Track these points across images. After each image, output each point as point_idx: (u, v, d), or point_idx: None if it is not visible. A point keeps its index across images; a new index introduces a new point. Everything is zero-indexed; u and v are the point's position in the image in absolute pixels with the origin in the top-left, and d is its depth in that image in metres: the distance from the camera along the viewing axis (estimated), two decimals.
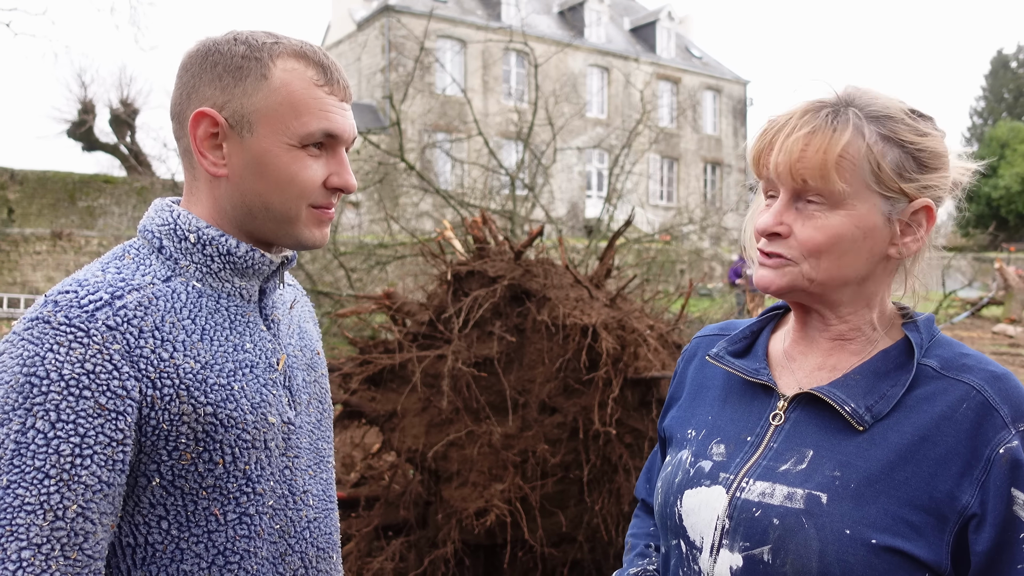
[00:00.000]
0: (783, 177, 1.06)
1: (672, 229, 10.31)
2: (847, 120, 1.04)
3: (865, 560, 0.96)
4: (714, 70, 36.10)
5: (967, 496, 0.97)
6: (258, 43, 1.09)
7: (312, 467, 1.20)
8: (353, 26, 29.92)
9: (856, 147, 1.03)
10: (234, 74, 1.07)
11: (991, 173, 38.79)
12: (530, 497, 2.92)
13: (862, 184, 1.04)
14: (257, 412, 1.08)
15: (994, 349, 12.53)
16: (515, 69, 29.88)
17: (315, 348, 1.29)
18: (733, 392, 1.20)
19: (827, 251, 1.05)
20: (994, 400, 1.00)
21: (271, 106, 1.07)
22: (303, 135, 1.08)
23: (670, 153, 33.29)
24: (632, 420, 2.99)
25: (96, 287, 1.00)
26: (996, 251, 27.98)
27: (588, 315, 2.99)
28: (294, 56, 1.09)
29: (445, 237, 3.81)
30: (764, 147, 1.09)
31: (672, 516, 1.14)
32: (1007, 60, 46.81)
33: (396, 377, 3.32)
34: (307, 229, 1.12)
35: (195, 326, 1.06)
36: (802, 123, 1.05)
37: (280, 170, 1.08)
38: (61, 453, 0.92)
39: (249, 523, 1.08)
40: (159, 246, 1.09)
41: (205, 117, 1.07)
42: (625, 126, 15.43)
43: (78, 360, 0.94)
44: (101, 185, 20.35)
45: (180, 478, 1.02)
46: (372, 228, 12.58)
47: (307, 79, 1.09)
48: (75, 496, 0.93)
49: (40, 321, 0.96)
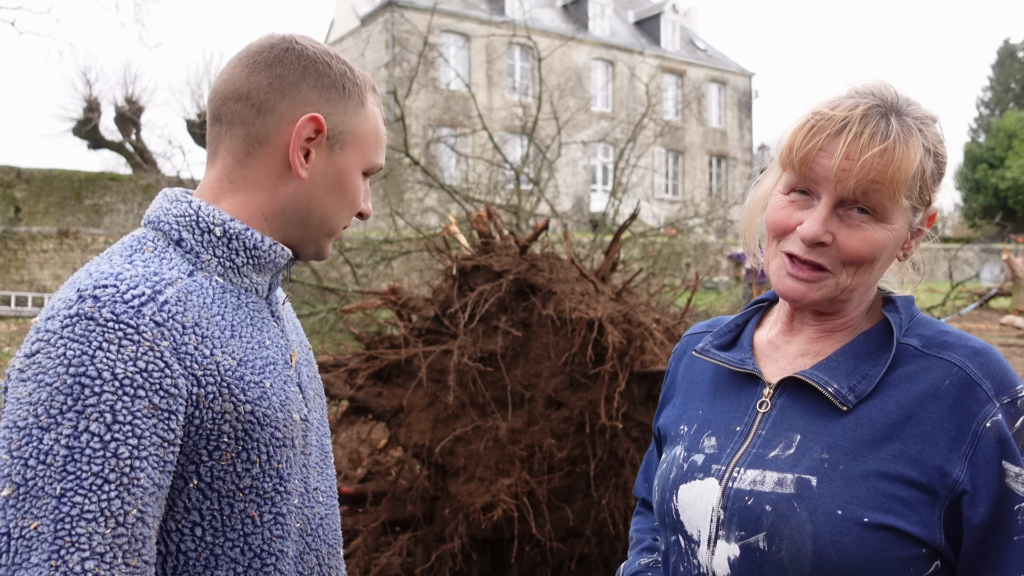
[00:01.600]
0: (844, 185, 1.01)
1: (678, 223, 10.28)
2: (912, 133, 1.02)
3: (859, 539, 0.97)
4: (719, 62, 35.97)
5: (956, 471, 0.98)
6: (355, 69, 1.16)
7: (320, 463, 1.20)
8: (357, 21, 29.89)
9: (918, 161, 1.02)
10: (341, 92, 1.12)
11: (998, 164, 38.61)
12: (537, 492, 2.92)
13: (910, 199, 1.04)
14: (285, 410, 1.08)
15: (1002, 340, 12.48)
16: (519, 63, 29.81)
17: (307, 343, 1.29)
18: (722, 385, 1.21)
19: (869, 262, 1.05)
20: (976, 375, 1.01)
21: (363, 132, 1.15)
22: (372, 164, 1.18)
23: (675, 146, 33.20)
24: (638, 414, 2.99)
25: (135, 281, 0.96)
26: (1004, 242, 27.87)
27: (594, 309, 2.98)
28: (374, 92, 1.19)
29: (450, 232, 3.81)
30: (816, 146, 1.02)
31: (669, 512, 1.15)
32: (1014, 50, 46.51)
33: (402, 372, 3.32)
34: (329, 244, 1.20)
35: (225, 322, 1.03)
36: (870, 130, 1.00)
37: (351, 190, 1.15)
38: (120, 456, 0.89)
39: (283, 523, 1.07)
40: (178, 239, 1.05)
41: (315, 122, 1.09)
42: (630, 120, 15.40)
43: (130, 358, 0.90)
44: (107, 183, 20.39)
45: (218, 479, 1.00)
46: (377, 224, 12.58)
47: (381, 117, 1.20)
48: (135, 500, 0.90)
49: (82, 318, 0.91)
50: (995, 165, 39.03)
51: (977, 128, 46.46)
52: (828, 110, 1.04)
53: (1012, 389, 1.01)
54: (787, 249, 1.07)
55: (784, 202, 1.08)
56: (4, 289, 16.21)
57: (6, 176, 18.89)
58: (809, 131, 1.04)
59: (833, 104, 1.05)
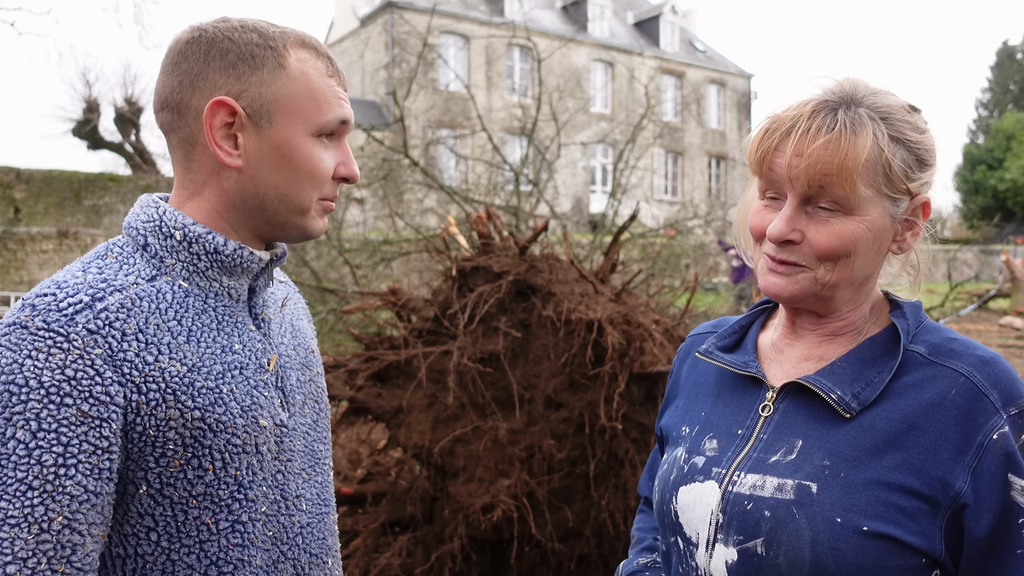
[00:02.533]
0: (798, 182, 1.03)
1: (677, 223, 10.29)
2: (863, 123, 1.02)
3: (857, 547, 0.96)
4: (718, 64, 35.98)
5: (959, 482, 0.97)
6: (268, 32, 1.07)
7: (307, 470, 1.17)
8: (356, 22, 29.88)
9: (874, 151, 1.02)
10: (249, 63, 1.04)
11: (997, 165, 38.63)
12: (536, 492, 2.92)
13: (875, 189, 1.03)
14: (247, 415, 1.05)
15: (1001, 342, 12.49)
16: (518, 64, 29.82)
17: (309, 346, 1.25)
18: (725, 387, 1.20)
19: (843, 256, 1.04)
20: (983, 386, 1.00)
21: (291, 95, 1.06)
22: (322, 124, 1.07)
23: (674, 147, 33.20)
24: (638, 415, 2.99)
25: (76, 289, 0.96)
26: (1002, 243, 27.86)
27: (593, 310, 2.99)
28: (303, 46, 1.08)
29: (450, 233, 3.81)
30: (770, 148, 1.05)
31: (669, 513, 1.15)
32: (1013, 51, 46.54)
33: (402, 373, 3.32)
34: (314, 220, 1.12)
35: (181, 327, 1.02)
36: (816, 125, 1.02)
37: (300, 160, 1.07)
38: (44, 463, 0.89)
39: (242, 531, 1.04)
40: (144, 244, 1.05)
41: (223, 106, 1.03)
42: (629, 121, 15.39)
43: (58, 366, 0.91)
44: (106, 183, 20.38)
45: (169, 486, 0.99)
46: (377, 225, 12.58)
47: (320, 69, 1.09)
48: (60, 507, 0.90)
49: (17, 326, 0.92)
50: (994, 166, 39.04)
51: (976, 129, 46.46)
52: (781, 112, 1.06)
53: (1020, 400, 1.00)
54: (765, 250, 1.09)
55: (759, 206, 1.10)
56: (3, 290, 16.21)
57: (6, 177, 18.89)
58: (763, 134, 1.06)
59: (787, 106, 1.07)
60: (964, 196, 41.13)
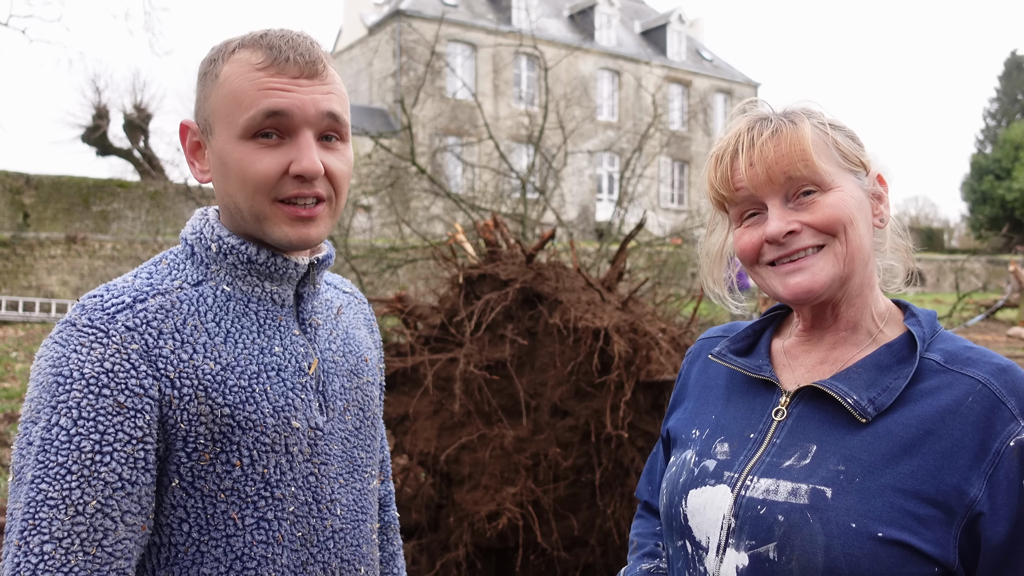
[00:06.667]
0: (768, 184, 1.08)
1: (684, 232, 10.27)
2: (798, 117, 1.10)
3: (871, 554, 0.96)
4: (725, 73, 36.02)
5: (975, 490, 0.96)
6: (222, 44, 1.11)
7: (344, 475, 1.18)
8: (364, 31, 30.03)
9: (817, 133, 1.10)
10: (201, 80, 1.11)
11: (1005, 175, 38.51)
12: (542, 500, 2.92)
13: (835, 164, 1.10)
14: (279, 416, 1.08)
15: (1009, 352, 12.41)
16: (526, 73, 29.91)
17: (362, 355, 1.26)
18: (736, 390, 1.20)
19: (846, 222, 1.07)
20: (1001, 393, 1.00)
21: (220, 104, 1.07)
22: (245, 125, 1.04)
23: (681, 156, 33.22)
24: (644, 424, 2.98)
25: (122, 291, 1.04)
26: (1011, 253, 27.77)
27: (600, 318, 2.99)
28: (245, 47, 1.07)
29: (456, 240, 3.82)
30: (725, 171, 1.11)
31: (677, 516, 1.14)
32: (1021, 61, 46.44)
33: (408, 380, 3.33)
34: (278, 227, 1.07)
35: (219, 329, 1.07)
36: (756, 132, 1.10)
37: (232, 167, 1.06)
38: (82, 449, 0.95)
39: (267, 528, 1.07)
40: (191, 252, 1.13)
41: (186, 128, 1.13)
42: (636, 129, 15.41)
43: (98, 359, 0.97)
44: (115, 189, 20.49)
45: (199, 479, 1.03)
46: (384, 232, 12.60)
47: (249, 65, 1.05)
48: (95, 492, 0.95)
49: (68, 324, 1.00)
50: (1002, 176, 38.93)
51: (984, 139, 46.32)
52: (720, 143, 1.14)
53: None
54: (768, 259, 1.11)
55: (743, 229, 1.14)
56: (12, 295, 16.28)
57: (15, 182, 19.01)
58: (714, 164, 1.14)
59: (723, 136, 1.15)
60: (972, 206, 41.02)
